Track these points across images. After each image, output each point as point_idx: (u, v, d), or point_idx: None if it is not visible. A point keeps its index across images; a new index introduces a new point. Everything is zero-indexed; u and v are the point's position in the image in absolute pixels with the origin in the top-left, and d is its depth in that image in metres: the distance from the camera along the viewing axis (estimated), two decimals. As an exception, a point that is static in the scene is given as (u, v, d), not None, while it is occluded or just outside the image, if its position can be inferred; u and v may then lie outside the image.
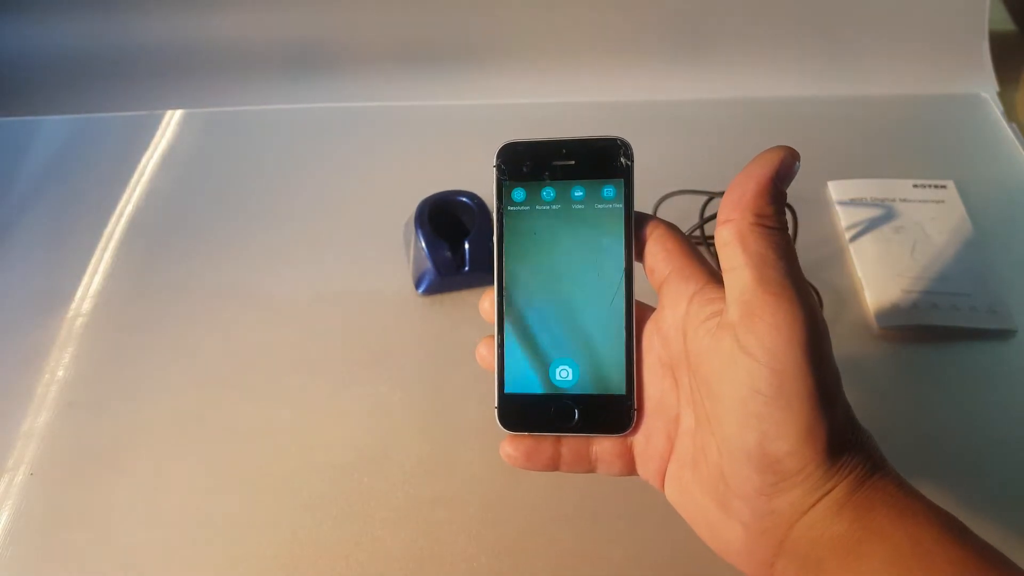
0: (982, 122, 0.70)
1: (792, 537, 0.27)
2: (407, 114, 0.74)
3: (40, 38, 0.79)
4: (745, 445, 0.27)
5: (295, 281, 0.60)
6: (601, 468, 0.33)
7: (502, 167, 0.34)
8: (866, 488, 0.26)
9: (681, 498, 0.31)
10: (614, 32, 0.77)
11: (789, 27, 0.76)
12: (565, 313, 0.33)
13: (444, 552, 0.45)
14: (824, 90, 0.73)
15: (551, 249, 0.33)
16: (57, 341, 0.57)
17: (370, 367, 0.54)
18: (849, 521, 0.26)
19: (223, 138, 0.74)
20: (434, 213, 0.58)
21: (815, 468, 0.26)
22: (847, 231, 0.60)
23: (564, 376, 0.33)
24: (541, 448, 0.33)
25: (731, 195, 0.29)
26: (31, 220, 0.67)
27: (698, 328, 0.29)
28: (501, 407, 0.33)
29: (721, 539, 0.29)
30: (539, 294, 0.33)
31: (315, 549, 0.46)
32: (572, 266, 0.33)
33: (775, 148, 0.29)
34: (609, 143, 0.33)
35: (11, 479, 0.50)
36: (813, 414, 0.26)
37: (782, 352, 0.26)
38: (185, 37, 0.78)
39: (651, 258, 0.32)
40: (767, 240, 0.28)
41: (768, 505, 0.27)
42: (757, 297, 0.27)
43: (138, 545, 0.47)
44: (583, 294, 0.33)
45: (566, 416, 0.32)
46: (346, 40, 0.78)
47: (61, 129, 0.75)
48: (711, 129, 0.71)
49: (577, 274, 0.33)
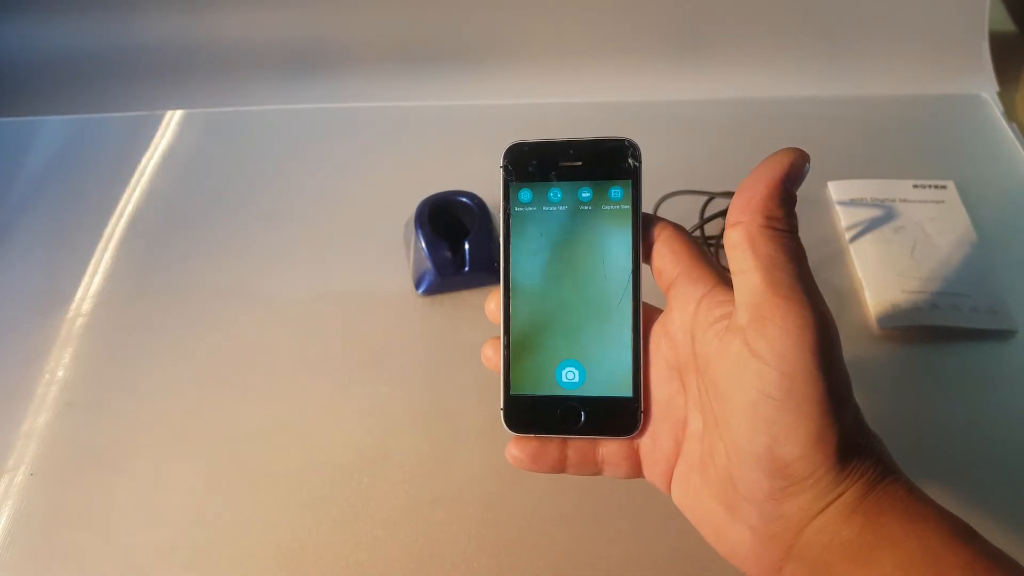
0: (982, 122, 0.70)
1: (801, 542, 0.27)
2: (407, 114, 0.74)
3: (40, 38, 0.79)
4: (754, 449, 0.27)
5: (295, 281, 0.60)
6: (607, 470, 0.33)
7: (509, 168, 0.33)
8: (876, 493, 0.26)
9: (688, 502, 0.31)
10: (614, 32, 0.77)
11: (789, 27, 0.76)
12: (572, 315, 0.32)
13: (444, 552, 0.45)
14: (824, 90, 0.73)
15: (558, 250, 0.33)
16: (57, 341, 0.57)
17: (370, 367, 0.54)
18: (859, 526, 0.26)
19: (223, 138, 0.74)
20: (434, 213, 0.58)
21: (825, 472, 0.26)
22: (847, 231, 0.60)
23: (571, 378, 0.32)
24: (547, 450, 0.32)
25: (740, 197, 0.28)
26: (31, 220, 0.67)
27: (707, 331, 0.29)
28: (507, 409, 0.33)
29: (729, 543, 0.29)
30: (545, 295, 0.33)
31: (315, 549, 0.46)
32: (579, 267, 0.32)
33: (785, 150, 0.28)
34: (617, 144, 0.33)
35: (11, 479, 0.50)
36: (824, 418, 0.26)
37: (792, 355, 0.26)
38: (185, 37, 0.78)
39: (659, 260, 0.32)
40: (777, 243, 0.27)
41: (777, 509, 0.27)
42: (767, 300, 0.26)
43: (138, 545, 0.47)
44: (590, 296, 0.32)
45: (572, 418, 0.32)
46: (346, 40, 0.78)
47: (61, 129, 0.75)
48: (712, 129, 0.70)
49: (584, 275, 0.32)
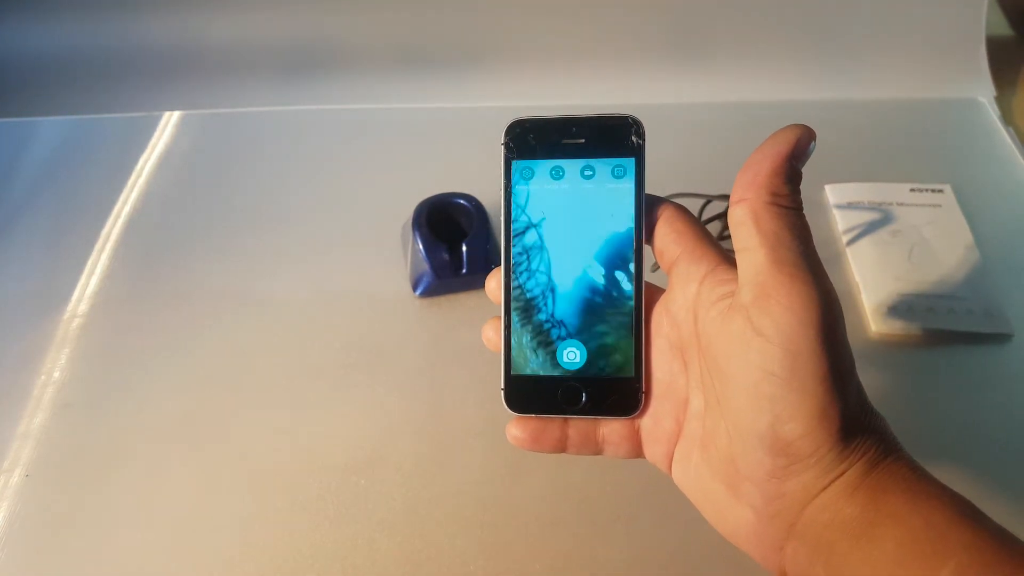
0: (979, 126, 0.70)
1: (803, 520, 0.27)
2: (405, 116, 0.74)
3: (37, 39, 0.79)
4: (757, 427, 0.26)
5: (292, 283, 0.60)
6: (608, 450, 0.33)
7: (510, 144, 0.33)
8: (879, 471, 0.26)
9: (689, 481, 0.31)
10: (613, 35, 0.77)
11: (787, 32, 0.76)
12: (573, 294, 0.32)
13: (441, 554, 0.45)
14: (822, 94, 0.73)
15: (559, 229, 0.32)
16: (54, 342, 0.57)
17: (367, 369, 0.54)
18: (862, 504, 0.26)
19: (220, 140, 0.74)
20: (432, 215, 0.58)
21: (828, 450, 0.26)
22: (844, 235, 0.60)
23: (571, 358, 0.32)
24: (548, 430, 0.32)
25: (745, 174, 0.28)
26: (28, 221, 0.67)
27: (709, 309, 0.29)
28: (508, 389, 0.32)
29: (730, 523, 0.29)
30: (547, 274, 0.32)
31: (312, 552, 0.45)
32: (580, 246, 0.32)
33: (790, 127, 0.28)
34: (620, 120, 0.32)
35: (7, 480, 0.50)
36: (827, 396, 0.25)
37: (796, 333, 0.25)
38: (183, 39, 0.78)
39: (661, 240, 0.31)
40: (782, 220, 0.27)
41: (779, 488, 0.27)
42: (771, 278, 0.26)
43: (134, 547, 0.46)
44: (591, 275, 0.32)
45: (573, 398, 0.32)
46: (344, 42, 0.78)
47: (58, 130, 0.75)
48: (710, 132, 0.71)
49: (585, 254, 0.32)
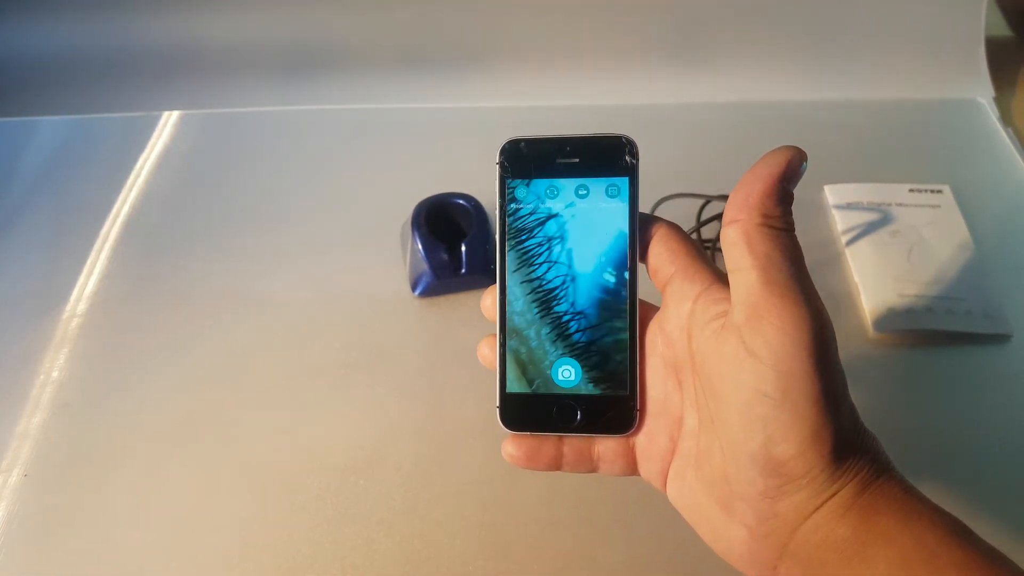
0: (978, 127, 0.70)
1: (796, 540, 0.27)
2: (404, 116, 0.74)
3: (37, 39, 0.79)
4: (750, 448, 0.27)
5: (291, 283, 0.60)
6: (603, 468, 0.33)
7: (505, 164, 0.33)
8: (871, 491, 0.26)
9: (683, 499, 0.31)
10: (611, 35, 0.77)
11: (786, 32, 0.76)
12: (568, 312, 0.32)
13: (441, 554, 0.45)
14: (821, 94, 0.73)
15: (554, 248, 0.33)
16: (53, 342, 0.57)
17: (366, 369, 0.54)
18: (854, 524, 0.26)
19: (220, 140, 0.74)
20: (431, 215, 0.58)
21: (820, 471, 0.26)
22: (843, 235, 0.60)
23: (566, 376, 0.32)
24: (543, 448, 0.32)
25: (737, 195, 0.28)
26: (27, 221, 0.67)
27: (703, 329, 0.29)
28: (503, 407, 0.33)
29: (723, 541, 0.29)
30: (541, 293, 0.33)
31: (311, 552, 0.45)
32: (575, 265, 0.32)
33: (782, 148, 0.28)
34: (614, 141, 0.32)
35: (5, 480, 0.50)
36: (819, 417, 0.26)
37: (788, 355, 0.26)
38: (182, 38, 0.78)
39: (655, 258, 0.32)
40: (774, 241, 0.27)
41: (772, 508, 0.27)
42: (763, 299, 0.26)
43: (133, 547, 0.46)
44: (586, 293, 0.32)
45: (568, 416, 0.32)
46: (343, 42, 0.78)
47: (57, 130, 0.75)
48: (708, 133, 0.71)
49: (580, 273, 0.32)
